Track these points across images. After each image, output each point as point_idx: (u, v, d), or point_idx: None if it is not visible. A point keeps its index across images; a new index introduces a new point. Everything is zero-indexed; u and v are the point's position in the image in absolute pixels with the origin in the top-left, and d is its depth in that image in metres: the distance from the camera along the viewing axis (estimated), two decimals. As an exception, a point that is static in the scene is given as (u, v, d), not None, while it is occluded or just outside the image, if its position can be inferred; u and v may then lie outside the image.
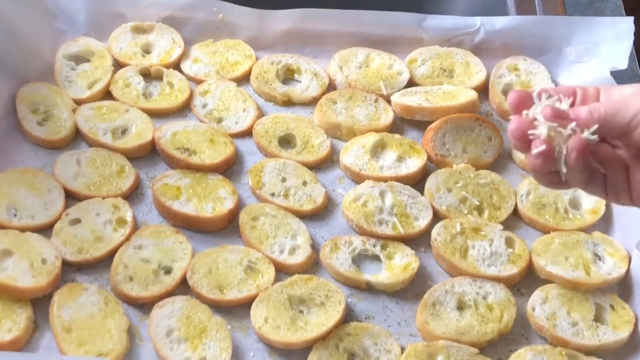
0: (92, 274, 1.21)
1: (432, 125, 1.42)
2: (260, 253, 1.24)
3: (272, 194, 1.33)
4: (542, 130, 0.90)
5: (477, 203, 1.34)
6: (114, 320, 1.15)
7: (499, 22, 1.56)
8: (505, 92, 1.51)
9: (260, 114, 1.45)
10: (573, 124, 0.89)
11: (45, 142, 1.35)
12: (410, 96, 1.46)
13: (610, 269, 1.26)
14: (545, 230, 1.34)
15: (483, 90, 1.53)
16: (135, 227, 1.27)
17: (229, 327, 1.17)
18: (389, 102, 1.47)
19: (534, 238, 1.32)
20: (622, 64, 1.48)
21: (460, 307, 1.22)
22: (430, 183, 1.36)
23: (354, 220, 1.30)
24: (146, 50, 1.52)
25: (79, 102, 1.41)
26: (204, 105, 1.45)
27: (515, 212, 1.36)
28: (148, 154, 1.38)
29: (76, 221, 1.25)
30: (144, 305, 1.18)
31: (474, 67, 1.54)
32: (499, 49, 1.56)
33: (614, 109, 0.91)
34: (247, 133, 1.42)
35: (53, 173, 1.30)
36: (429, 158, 1.40)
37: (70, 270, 1.21)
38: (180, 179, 1.31)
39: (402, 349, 1.17)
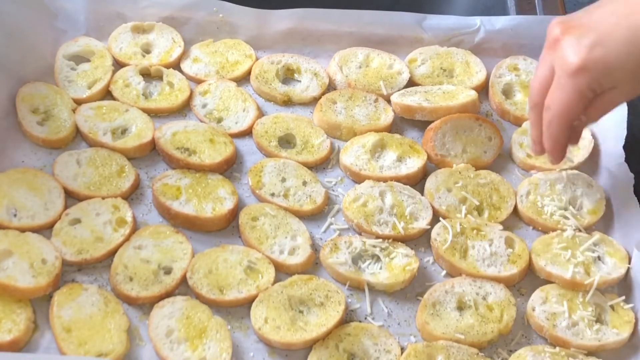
0: (92, 274, 1.21)
1: (432, 125, 1.42)
2: (260, 253, 1.24)
3: (272, 194, 1.33)
4: None
5: (477, 203, 1.34)
6: (114, 320, 1.15)
7: (499, 22, 1.56)
8: (505, 92, 1.52)
9: (260, 113, 1.45)
10: None
11: (45, 142, 1.35)
12: (410, 96, 1.46)
13: (610, 269, 1.26)
14: (545, 230, 1.34)
15: (483, 90, 1.53)
16: (135, 227, 1.27)
17: (229, 327, 1.17)
18: (388, 102, 1.47)
19: (534, 238, 1.32)
20: (622, 63, 1.48)
21: (460, 307, 1.22)
22: (430, 183, 1.36)
23: (354, 220, 1.30)
24: (146, 50, 1.52)
25: (79, 102, 1.41)
26: (204, 105, 1.45)
27: (515, 212, 1.36)
28: (148, 154, 1.38)
29: (76, 221, 1.25)
30: (144, 305, 1.18)
31: (474, 67, 1.54)
32: (499, 49, 1.56)
33: None
34: (247, 133, 1.42)
35: (53, 173, 1.30)
36: (429, 158, 1.40)
37: (70, 270, 1.21)
38: (180, 179, 1.31)
39: (402, 349, 1.17)
